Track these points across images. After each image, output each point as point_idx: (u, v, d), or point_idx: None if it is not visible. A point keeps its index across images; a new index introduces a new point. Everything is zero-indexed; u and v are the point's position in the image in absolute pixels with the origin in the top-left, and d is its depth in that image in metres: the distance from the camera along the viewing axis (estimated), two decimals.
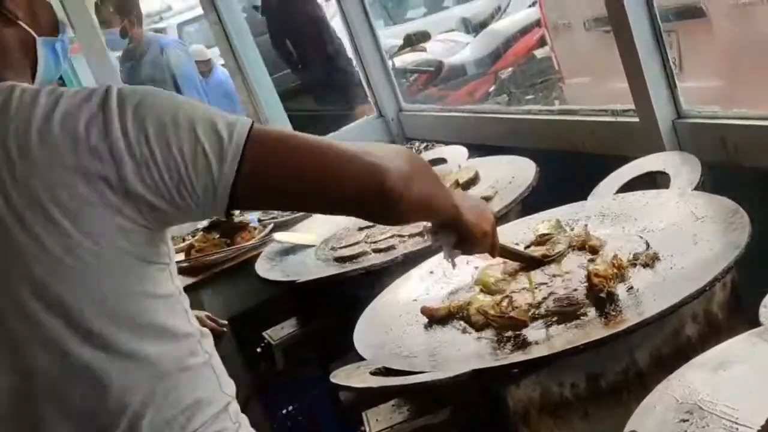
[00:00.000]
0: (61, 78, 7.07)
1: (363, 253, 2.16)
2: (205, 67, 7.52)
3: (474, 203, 1.50)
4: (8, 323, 1.16)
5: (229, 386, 1.36)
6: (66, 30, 1.46)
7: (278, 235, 2.46)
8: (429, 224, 1.52)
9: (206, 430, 1.27)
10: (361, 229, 2.32)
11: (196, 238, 2.79)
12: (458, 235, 1.46)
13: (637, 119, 2.17)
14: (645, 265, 1.53)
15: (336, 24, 5.24)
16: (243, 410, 2.53)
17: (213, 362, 1.32)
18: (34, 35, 1.30)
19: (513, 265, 1.72)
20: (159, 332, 1.22)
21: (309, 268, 2.21)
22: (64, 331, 1.16)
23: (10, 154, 1.11)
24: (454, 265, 1.58)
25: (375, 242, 2.19)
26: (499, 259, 1.72)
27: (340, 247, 2.26)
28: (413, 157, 1.29)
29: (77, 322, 1.16)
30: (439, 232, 1.49)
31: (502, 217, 2.05)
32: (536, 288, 1.58)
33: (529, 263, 1.71)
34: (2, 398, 1.18)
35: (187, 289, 2.68)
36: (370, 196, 1.19)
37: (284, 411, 2.72)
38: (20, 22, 1.28)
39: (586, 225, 1.80)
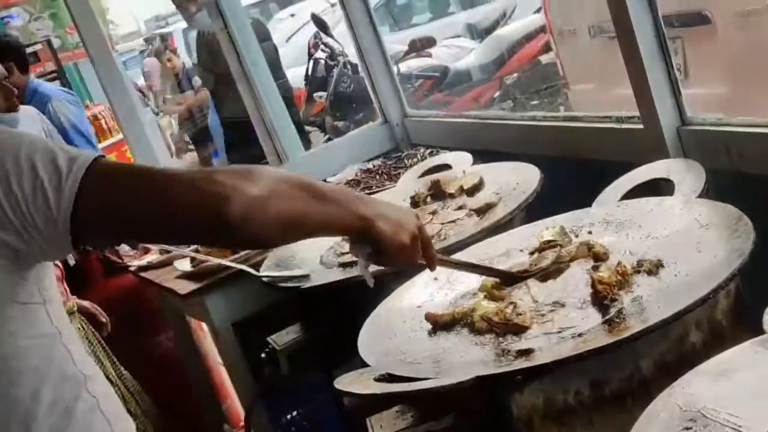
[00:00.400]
0: (68, 83, 7.06)
1: None
2: None
3: (393, 214, 1.40)
4: None
5: (123, 428, 1.34)
6: None
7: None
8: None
9: None
10: None
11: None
12: (372, 246, 1.39)
13: (641, 126, 2.18)
14: (649, 273, 1.53)
15: (341, 30, 5.29)
16: (247, 415, 2.55)
17: (102, 407, 1.30)
18: None
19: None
20: (33, 376, 1.20)
21: (313, 274, 2.21)
22: None
23: None
24: (370, 280, 1.49)
25: None
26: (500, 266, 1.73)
27: (345, 253, 2.26)
28: (275, 178, 1.23)
29: None
30: (354, 243, 1.42)
31: (506, 224, 2.05)
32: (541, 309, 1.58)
33: (501, 278, 1.67)
34: None
35: (192, 294, 2.73)
36: (210, 225, 1.17)
37: (288, 416, 2.73)
38: None
39: (589, 232, 1.80)
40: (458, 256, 1.91)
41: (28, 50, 7.12)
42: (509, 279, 1.67)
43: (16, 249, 1.15)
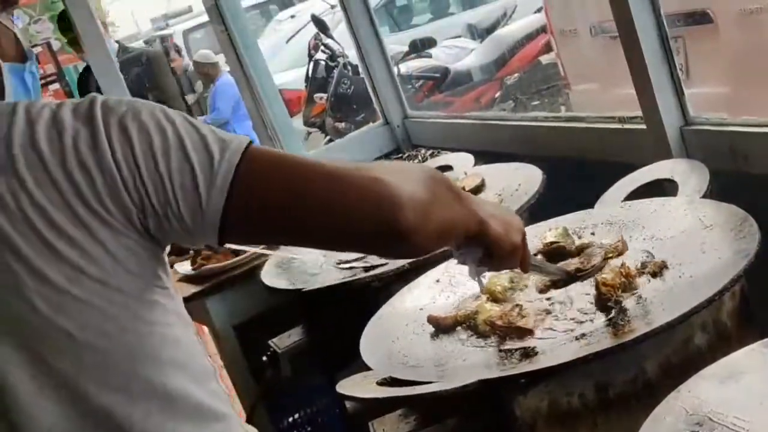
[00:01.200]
0: (68, 85, 7.05)
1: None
2: (212, 70, 7.55)
3: (502, 213, 1.29)
4: (9, 375, 1.00)
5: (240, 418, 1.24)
6: (33, 59, 1.40)
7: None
8: None
9: None
10: None
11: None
12: (484, 249, 1.28)
13: (644, 126, 2.16)
14: (653, 274, 1.52)
15: (341, 31, 5.30)
16: (249, 418, 2.53)
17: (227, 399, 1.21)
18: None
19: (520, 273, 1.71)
20: (180, 369, 1.08)
21: (315, 276, 2.20)
22: (76, 373, 1.02)
23: None
24: (481, 284, 1.44)
25: None
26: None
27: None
28: (431, 178, 1.11)
29: (90, 361, 1.02)
30: (462, 247, 1.30)
31: None
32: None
33: (562, 278, 1.61)
34: None
35: (193, 297, 2.71)
36: (382, 235, 1.03)
37: (290, 419, 2.71)
38: None
39: (592, 233, 1.78)
40: None
41: None
42: (568, 279, 1.60)
43: (153, 235, 1.02)
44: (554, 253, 1.74)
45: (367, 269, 2.08)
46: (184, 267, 2.76)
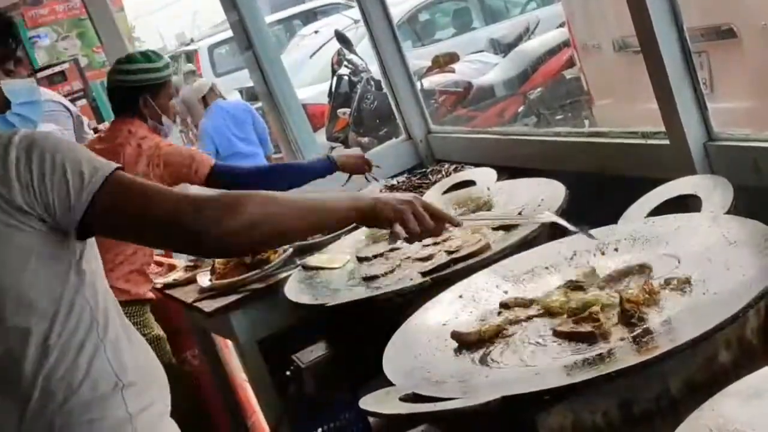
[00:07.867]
0: (95, 101, 7.14)
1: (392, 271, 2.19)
2: (209, 98, 7.61)
3: (387, 197, 1.68)
4: None
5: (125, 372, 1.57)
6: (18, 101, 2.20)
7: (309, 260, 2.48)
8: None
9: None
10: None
11: (219, 261, 2.79)
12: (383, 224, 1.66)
13: (667, 141, 2.16)
14: (677, 290, 1.51)
15: (364, 46, 5.32)
16: None
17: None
18: None
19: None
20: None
21: (338, 291, 2.21)
22: None
23: None
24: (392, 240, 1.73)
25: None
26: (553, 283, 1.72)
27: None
28: (258, 204, 1.51)
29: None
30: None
31: (532, 241, 2.04)
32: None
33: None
34: None
35: (217, 312, 2.73)
36: (188, 251, 1.83)
37: None
38: None
39: (616, 249, 1.77)
40: (483, 273, 1.90)
41: (56, 69, 7.21)
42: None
43: (40, 225, 1.47)
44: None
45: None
46: (205, 281, 2.77)
